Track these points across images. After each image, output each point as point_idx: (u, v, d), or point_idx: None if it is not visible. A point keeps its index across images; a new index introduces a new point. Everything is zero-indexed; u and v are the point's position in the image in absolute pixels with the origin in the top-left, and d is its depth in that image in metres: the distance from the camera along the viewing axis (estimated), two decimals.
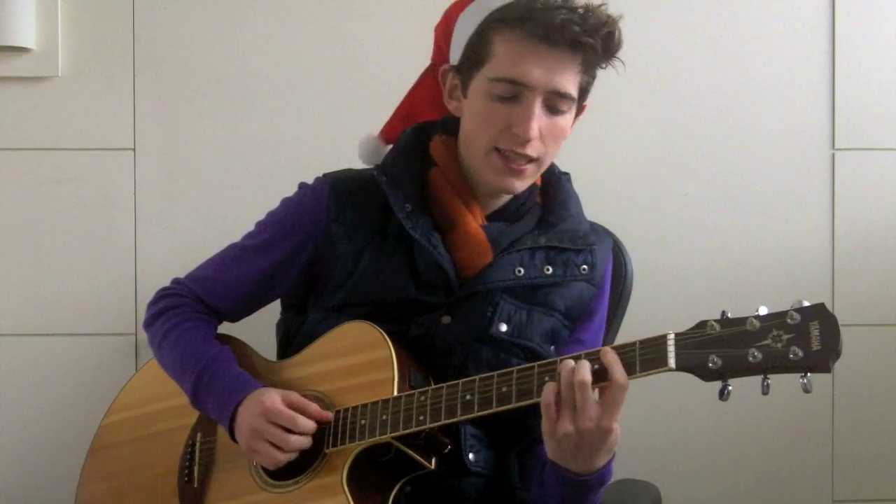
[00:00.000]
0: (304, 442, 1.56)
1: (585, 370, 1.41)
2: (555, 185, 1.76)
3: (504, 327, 1.64)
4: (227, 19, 2.33)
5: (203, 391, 1.65)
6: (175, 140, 2.34)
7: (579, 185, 2.29)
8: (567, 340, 1.72)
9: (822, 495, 2.38)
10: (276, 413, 1.55)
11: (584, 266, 1.70)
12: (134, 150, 2.34)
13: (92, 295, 2.34)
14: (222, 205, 2.30)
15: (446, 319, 1.63)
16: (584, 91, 1.63)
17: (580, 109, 1.69)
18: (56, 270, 2.34)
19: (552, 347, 1.70)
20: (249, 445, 1.58)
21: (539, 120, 1.57)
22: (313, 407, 1.57)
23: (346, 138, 1.89)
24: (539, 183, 1.74)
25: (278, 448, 1.55)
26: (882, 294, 2.36)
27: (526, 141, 1.57)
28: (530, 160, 1.61)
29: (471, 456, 1.64)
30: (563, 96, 1.58)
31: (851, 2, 2.36)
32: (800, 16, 2.37)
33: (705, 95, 2.36)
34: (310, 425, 1.56)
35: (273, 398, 1.57)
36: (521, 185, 1.64)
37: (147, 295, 1.82)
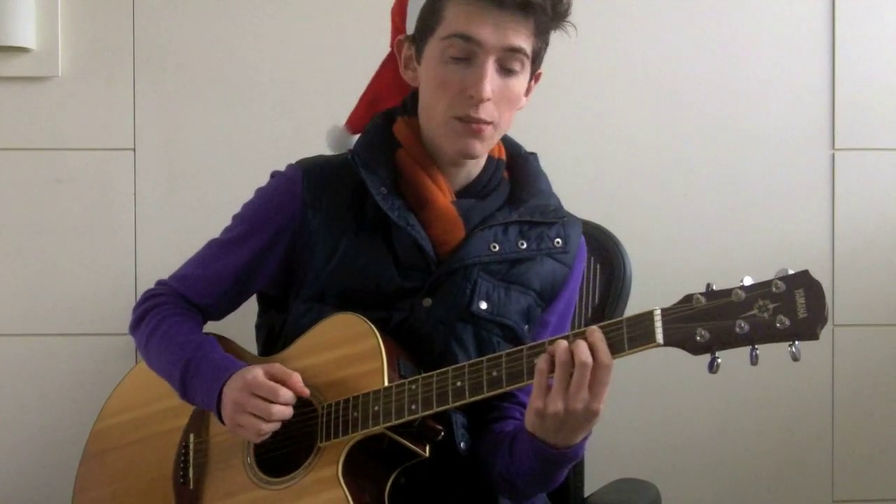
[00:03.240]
0: (286, 412, 1.55)
1: (586, 351, 1.41)
2: (522, 163, 1.77)
3: (484, 305, 1.65)
4: (227, 19, 2.33)
5: (191, 379, 1.64)
6: (175, 140, 2.34)
7: (579, 185, 2.31)
8: (537, 321, 1.73)
9: (822, 495, 2.38)
10: (256, 385, 1.54)
11: (558, 239, 1.72)
12: (134, 150, 2.34)
13: (92, 295, 2.34)
14: (222, 204, 2.28)
15: (427, 302, 1.64)
16: (536, 55, 1.63)
17: (535, 77, 1.69)
18: (56, 270, 2.34)
19: (526, 326, 1.71)
20: (233, 420, 1.56)
21: (492, 81, 1.58)
22: (295, 376, 1.57)
23: None
24: (505, 159, 1.75)
25: (260, 418, 1.54)
26: (882, 294, 2.36)
27: (479, 101, 1.57)
28: (486, 123, 1.61)
29: (462, 444, 1.65)
30: (517, 51, 1.58)
31: (851, 2, 2.36)
32: (800, 16, 2.37)
33: (705, 95, 2.36)
34: (289, 394, 1.55)
35: (254, 371, 1.56)
36: (480, 148, 1.64)
37: None
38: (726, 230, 2.36)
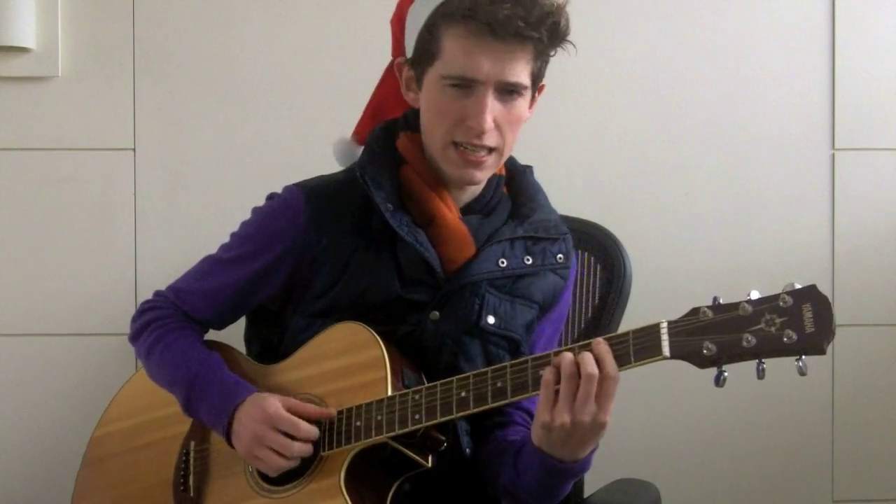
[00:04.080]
0: (307, 449, 1.55)
1: (592, 363, 1.41)
2: (520, 178, 1.77)
3: (492, 319, 1.66)
4: (227, 19, 2.33)
5: (195, 398, 1.64)
6: (175, 140, 2.34)
7: (580, 185, 2.31)
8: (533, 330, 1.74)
9: (822, 495, 2.38)
10: (278, 419, 1.55)
11: (560, 255, 1.73)
12: (134, 150, 2.34)
13: (92, 295, 2.34)
14: (222, 205, 2.29)
15: (435, 315, 1.64)
16: (536, 76, 1.63)
17: (538, 89, 1.69)
18: (56, 270, 2.34)
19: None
20: (251, 452, 1.57)
21: (493, 111, 1.57)
22: (313, 409, 1.57)
23: None
24: (504, 174, 1.75)
25: (281, 455, 1.55)
26: (882, 294, 2.36)
27: (481, 133, 1.57)
28: (489, 150, 1.61)
29: (467, 450, 1.66)
30: (515, 86, 1.58)
31: (851, 2, 2.36)
32: (800, 16, 2.37)
33: (705, 95, 2.36)
34: (313, 431, 1.56)
35: (275, 404, 1.56)
36: (482, 176, 1.64)
37: (147, 295, 1.82)
38: (726, 230, 2.36)
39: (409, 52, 1.65)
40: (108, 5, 2.32)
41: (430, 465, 1.57)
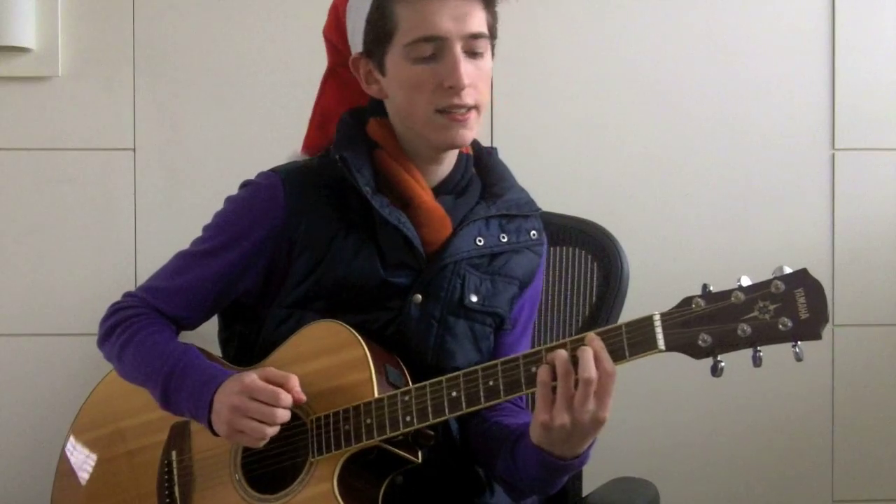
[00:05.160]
0: (287, 415, 1.52)
1: (591, 362, 1.39)
2: (486, 158, 1.77)
3: (474, 298, 1.65)
4: (227, 19, 2.34)
5: (175, 389, 1.60)
6: (175, 140, 2.35)
7: (578, 184, 2.31)
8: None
9: (822, 495, 2.38)
10: (256, 388, 1.51)
11: (534, 231, 1.73)
12: (134, 150, 2.34)
13: (92, 295, 2.34)
14: (222, 204, 2.29)
15: (418, 298, 1.63)
16: (492, 28, 1.63)
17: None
18: (56, 270, 2.35)
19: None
20: (232, 426, 1.52)
21: (465, 66, 1.57)
22: (293, 379, 1.54)
23: None
24: (472, 155, 1.75)
25: (263, 423, 1.50)
26: (882, 294, 2.36)
27: (461, 89, 1.57)
28: (469, 108, 1.60)
29: (457, 436, 1.65)
30: (478, 36, 1.59)
31: (851, 2, 2.36)
32: (800, 16, 2.37)
33: (705, 95, 2.36)
34: (290, 398, 1.52)
35: (251, 375, 1.53)
36: (469, 136, 1.63)
37: None
38: (726, 230, 2.36)
39: (359, 45, 1.65)
40: (108, 5, 2.33)
41: (419, 460, 1.55)
